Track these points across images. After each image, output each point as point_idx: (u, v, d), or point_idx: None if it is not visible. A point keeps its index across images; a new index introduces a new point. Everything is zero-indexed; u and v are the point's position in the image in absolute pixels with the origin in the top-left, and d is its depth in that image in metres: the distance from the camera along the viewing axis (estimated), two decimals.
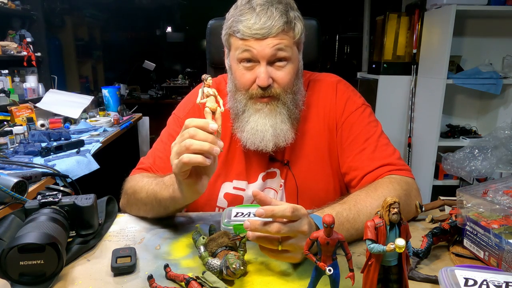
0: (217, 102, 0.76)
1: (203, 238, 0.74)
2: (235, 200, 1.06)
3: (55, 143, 1.85)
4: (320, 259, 0.59)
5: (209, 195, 1.07)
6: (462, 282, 0.60)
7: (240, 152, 1.06)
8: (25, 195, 1.14)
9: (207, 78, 0.76)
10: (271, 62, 0.93)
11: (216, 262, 0.70)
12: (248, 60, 0.94)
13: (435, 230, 0.79)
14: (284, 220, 0.67)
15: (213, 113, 0.75)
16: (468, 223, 0.77)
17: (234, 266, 0.67)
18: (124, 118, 2.82)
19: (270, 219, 0.67)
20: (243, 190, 1.06)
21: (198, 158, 0.71)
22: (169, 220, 0.97)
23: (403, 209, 0.56)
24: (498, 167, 2.44)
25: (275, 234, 0.66)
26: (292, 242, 0.68)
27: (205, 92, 0.76)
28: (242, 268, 0.68)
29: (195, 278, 0.67)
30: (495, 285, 0.59)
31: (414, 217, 0.96)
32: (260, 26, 0.89)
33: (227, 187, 1.07)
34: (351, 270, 0.59)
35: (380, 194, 0.87)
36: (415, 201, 0.92)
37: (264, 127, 0.97)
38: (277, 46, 0.91)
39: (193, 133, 0.72)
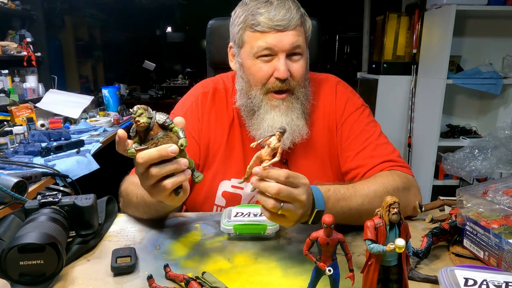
0: (272, 155, 0.69)
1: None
2: (233, 199, 1.06)
3: (55, 143, 1.85)
4: (320, 259, 0.59)
5: (208, 193, 1.07)
6: (462, 282, 0.60)
7: (239, 151, 1.06)
8: (25, 195, 1.14)
9: (281, 133, 0.68)
10: (288, 55, 0.95)
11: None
12: (266, 54, 0.95)
13: (435, 230, 0.79)
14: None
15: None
16: (468, 223, 0.77)
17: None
18: (124, 118, 2.82)
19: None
20: (241, 188, 1.06)
21: (181, 177, 0.67)
22: (169, 220, 0.97)
23: (401, 202, 0.56)
24: (498, 167, 2.44)
25: (273, 194, 0.68)
26: (289, 208, 0.70)
27: (273, 143, 0.68)
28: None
29: (195, 278, 0.67)
30: (495, 285, 0.59)
31: (414, 217, 0.96)
32: (281, 17, 0.92)
33: (225, 186, 1.07)
34: (351, 270, 0.59)
35: (379, 181, 0.88)
36: (414, 197, 0.93)
37: (280, 125, 0.97)
38: (296, 39, 0.94)
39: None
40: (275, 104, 0.98)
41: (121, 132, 0.64)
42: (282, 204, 0.69)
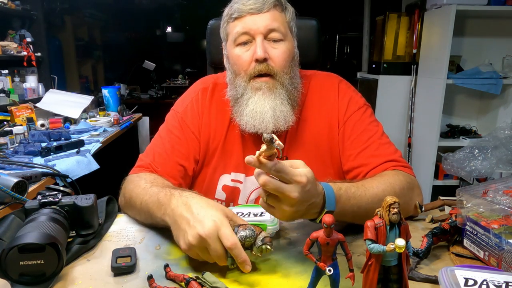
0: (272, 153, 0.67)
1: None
2: (233, 193, 1.07)
3: (55, 143, 1.85)
4: (320, 259, 0.59)
5: (208, 188, 1.08)
6: (462, 282, 0.60)
7: (239, 144, 1.06)
8: (25, 195, 1.14)
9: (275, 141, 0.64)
10: (266, 38, 0.97)
11: (245, 232, 0.71)
12: (245, 42, 0.98)
13: (435, 230, 0.79)
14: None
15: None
16: (468, 223, 0.77)
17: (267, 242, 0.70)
18: (124, 118, 2.82)
19: None
20: (241, 182, 1.07)
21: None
22: None
23: (405, 202, 0.56)
24: (498, 167, 2.44)
25: (260, 185, 0.67)
26: (277, 202, 0.69)
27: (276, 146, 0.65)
28: (270, 248, 0.71)
29: (195, 278, 0.67)
30: (495, 285, 0.59)
31: (414, 217, 0.96)
32: (254, 1, 0.96)
33: (225, 179, 1.07)
34: (351, 270, 0.59)
35: (386, 180, 0.88)
36: (417, 197, 0.93)
37: (263, 109, 0.97)
38: (271, 21, 0.96)
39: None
40: (258, 86, 0.98)
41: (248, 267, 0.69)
42: (267, 193, 0.70)
